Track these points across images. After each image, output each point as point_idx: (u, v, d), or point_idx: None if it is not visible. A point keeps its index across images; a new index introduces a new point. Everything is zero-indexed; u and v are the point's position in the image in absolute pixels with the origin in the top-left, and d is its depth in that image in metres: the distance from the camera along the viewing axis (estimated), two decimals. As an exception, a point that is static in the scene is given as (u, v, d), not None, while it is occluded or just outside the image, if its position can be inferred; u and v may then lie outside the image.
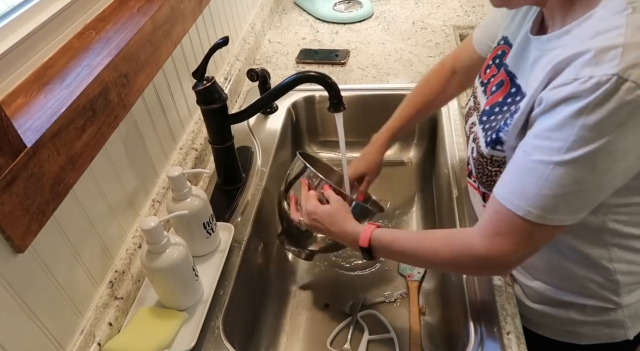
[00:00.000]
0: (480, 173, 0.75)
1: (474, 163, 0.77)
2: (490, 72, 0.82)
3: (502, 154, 0.70)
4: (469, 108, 0.85)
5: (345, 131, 1.40)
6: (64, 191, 0.68)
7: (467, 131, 0.84)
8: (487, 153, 0.71)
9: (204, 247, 0.91)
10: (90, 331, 0.75)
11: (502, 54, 0.80)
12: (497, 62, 0.80)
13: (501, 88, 0.73)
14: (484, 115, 0.75)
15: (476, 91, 0.84)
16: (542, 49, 0.66)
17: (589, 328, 0.79)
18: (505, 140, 0.68)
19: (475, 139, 0.77)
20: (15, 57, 0.73)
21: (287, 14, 1.77)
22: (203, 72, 0.93)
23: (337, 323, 1.00)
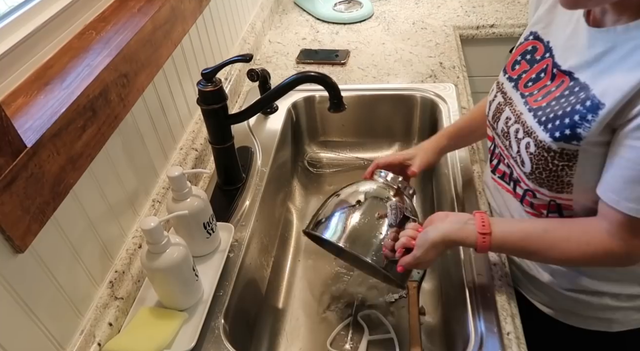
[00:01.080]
0: (539, 168, 0.72)
1: (532, 160, 0.73)
2: (520, 68, 0.79)
3: (575, 148, 0.67)
4: (498, 104, 0.82)
5: (345, 131, 1.41)
6: (64, 191, 0.68)
7: (501, 127, 0.81)
8: (557, 147, 0.68)
9: (204, 247, 0.91)
10: (90, 332, 0.75)
11: (533, 49, 0.78)
12: (528, 58, 0.79)
13: (561, 86, 0.71)
14: (539, 110, 0.72)
15: (503, 87, 0.82)
16: (615, 40, 0.63)
17: (622, 314, 0.80)
18: (585, 136, 0.65)
19: (529, 134, 0.73)
20: (16, 58, 0.73)
21: (287, 14, 1.77)
22: (214, 74, 0.93)
23: (337, 323, 1.00)
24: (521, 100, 0.77)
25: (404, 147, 1.38)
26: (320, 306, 1.05)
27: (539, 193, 0.76)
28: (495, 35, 1.58)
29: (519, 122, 0.76)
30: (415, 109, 1.32)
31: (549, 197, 0.75)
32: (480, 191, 1.00)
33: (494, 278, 0.84)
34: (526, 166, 0.75)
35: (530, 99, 0.76)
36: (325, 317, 1.03)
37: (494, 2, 1.71)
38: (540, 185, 0.74)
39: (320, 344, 0.98)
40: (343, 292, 1.07)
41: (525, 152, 0.74)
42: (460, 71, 1.37)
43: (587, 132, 0.65)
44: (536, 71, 0.76)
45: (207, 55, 1.21)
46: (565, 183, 0.71)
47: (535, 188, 0.76)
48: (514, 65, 0.82)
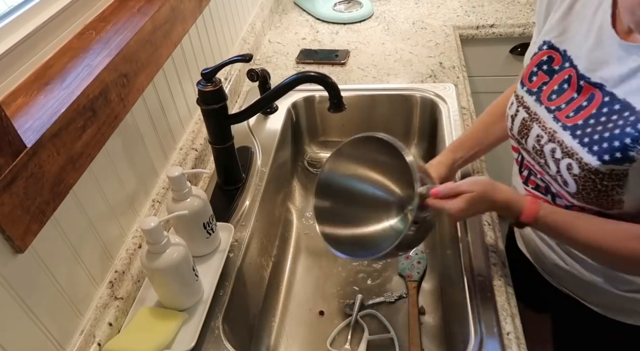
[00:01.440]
0: (587, 189, 0.70)
1: (577, 182, 0.70)
2: (538, 80, 0.77)
3: (625, 168, 0.65)
4: (523, 120, 0.79)
5: (345, 131, 1.41)
6: (64, 191, 0.68)
7: (532, 145, 0.78)
8: (606, 170, 0.66)
9: (204, 247, 0.91)
10: (90, 332, 0.75)
11: (550, 59, 0.76)
12: (545, 68, 0.76)
13: (592, 101, 0.69)
14: (577, 129, 0.70)
15: (524, 101, 0.79)
16: None
17: None
18: (638, 158, 0.63)
19: (570, 155, 0.70)
20: (16, 57, 0.73)
21: (287, 14, 1.77)
22: (214, 74, 0.93)
23: (337, 323, 1.00)
24: (549, 116, 0.74)
25: (404, 147, 1.38)
26: (320, 306, 1.05)
27: (587, 209, 0.74)
28: (495, 35, 1.58)
29: (554, 141, 0.73)
30: (415, 109, 1.32)
31: (596, 211, 0.73)
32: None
33: (493, 278, 0.84)
34: (570, 186, 0.72)
35: (559, 114, 0.73)
36: (325, 317, 1.03)
37: (494, 2, 1.71)
38: (587, 203, 0.72)
39: (320, 344, 0.98)
40: (343, 292, 1.07)
41: (568, 173, 0.71)
42: (460, 71, 1.37)
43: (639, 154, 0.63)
44: (558, 82, 0.74)
45: (207, 55, 1.21)
46: (615, 201, 0.69)
47: (581, 205, 0.73)
48: (531, 76, 0.79)
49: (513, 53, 1.62)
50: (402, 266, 1.09)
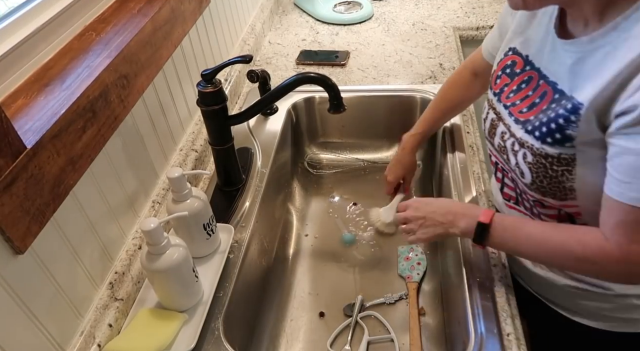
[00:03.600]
0: (540, 176, 0.73)
1: (531, 169, 0.74)
2: (501, 82, 0.82)
3: (572, 151, 0.68)
4: (492, 121, 0.84)
5: (345, 132, 1.41)
6: (64, 192, 0.68)
7: (498, 143, 0.82)
8: (555, 152, 0.69)
9: (204, 248, 0.91)
10: (90, 333, 0.74)
11: (513, 64, 0.80)
12: (508, 72, 0.81)
13: (544, 98, 0.72)
14: (528, 123, 0.73)
15: (493, 103, 0.84)
16: (584, 50, 0.66)
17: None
18: (575, 136, 0.66)
19: (522, 144, 0.74)
20: (16, 59, 0.73)
21: (287, 15, 1.77)
22: (214, 75, 0.93)
23: (337, 324, 1.00)
24: (506, 112, 0.79)
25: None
26: (320, 307, 1.05)
27: (546, 202, 0.76)
28: (495, 36, 1.58)
29: (512, 135, 0.77)
30: (415, 110, 1.32)
31: (556, 207, 0.75)
32: (480, 192, 1.00)
33: (494, 279, 0.84)
34: (526, 176, 0.75)
35: (514, 109, 0.77)
36: (325, 318, 1.03)
37: (494, 3, 1.71)
38: (544, 194, 0.74)
39: (320, 345, 0.98)
40: (343, 293, 1.07)
41: (524, 162, 0.75)
42: (460, 72, 1.37)
43: (576, 132, 0.66)
44: (517, 83, 0.78)
45: (207, 56, 1.21)
46: (567, 189, 0.71)
47: (541, 198, 0.76)
48: (496, 80, 0.84)
49: (513, 54, 1.62)
50: (402, 267, 1.09)
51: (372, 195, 1.27)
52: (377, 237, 1.18)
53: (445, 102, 1.08)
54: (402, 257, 1.11)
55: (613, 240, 0.65)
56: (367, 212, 1.17)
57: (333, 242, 1.19)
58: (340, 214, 1.25)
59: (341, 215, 1.24)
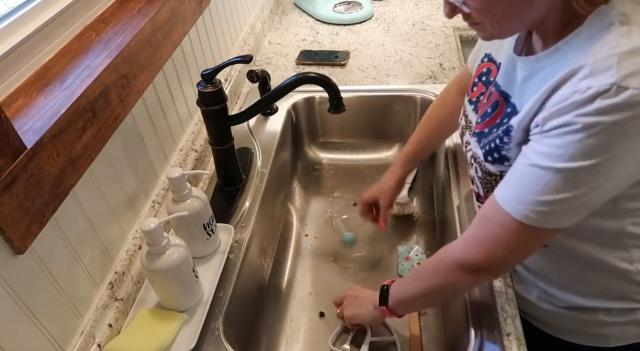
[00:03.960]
0: (489, 191, 0.74)
1: (481, 183, 0.76)
2: (477, 90, 0.82)
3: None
4: (462, 127, 0.85)
5: (345, 132, 1.41)
6: (64, 192, 0.68)
7: (464, 150, 0.84)
8: (496, 170, 0.72)
9: (204, 248, 0.91)
10: (90, 333, 0.74)
11: (488, 71, 0.80)
12: (484, 79, 0.81)
13: (497, 109, 0.73)
14: (482, 136, 0.75)
15: (466, 109, 0.84)
16: (531, 68, 0.66)
17: (618, 329, 0.78)
18: (510, 156, 0.68)
19: (475, 159, 0.76)
20: (16, 59, 0.73)
21: (287, 15, 1.77)
22: (214, 75, 0.93)
23: (337, 324, 1.00)
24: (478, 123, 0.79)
25: (404, 148, 1.38)
26: (320, 307, 1.04)
27: None
28: (495, 36, 1.58)
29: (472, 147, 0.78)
30: (415, 110, 1.32)
31: None
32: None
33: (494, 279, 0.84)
34: (480, 190, 0.78)
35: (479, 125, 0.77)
36: (325, 318, 1.03)
37: (494, 3, 1.71)
38: None
39: (320, 345, 0.98)
40: (342, 293, 1.07)
41: (476, 176, 0.77)
42: (460, 72, 1.37)
43: (510, 153, 0.68)
44: (496, 97, 0.77)
45: (207, 56, 1.21)
46: None
47: None
48: (473, 87, 0.84)
49: (513, 54, 1.62)
50: (402, 267, 1.09)
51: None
52: (377, 237, 1.18)
53: (431, 121, 1.05)
54: (402, 257, 1.11)
55: (460, 238, 0.69)
56: None
57: (333, 242, 1.19)
58: (341, 214, 1.25)
59: (341, 215, 1.24)
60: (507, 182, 0.64)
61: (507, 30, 0.66)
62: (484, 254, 0.67)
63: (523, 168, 0.62)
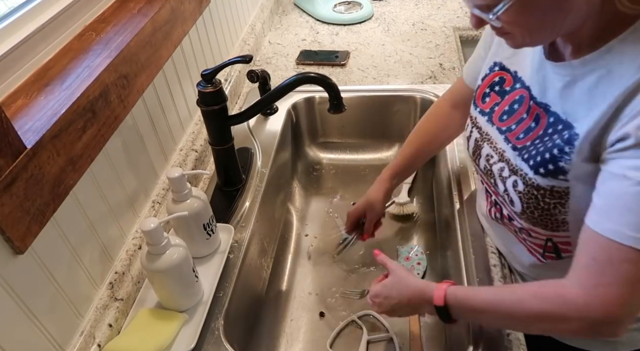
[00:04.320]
0: (531, 207, 0.69)
1: (521, 199, 0.70)
2: (491, 101, 0.78)
3: (565, 184, 0.65)
4: (475, 140, 0.81)
5: (345, 132, 1.41)
6: (64, 192, 0.68)
7: (483, 165, 0.79)
8: (547, 185, 0.66)
9: (204, 248, 0.91)
10: (90, 333, 0.74)
11: (501, 80, 0.77)
12: (497, 89, 0.77)
13: (540, 122, 0.69)
14: (524, 150, 0.70)
15: (477, 121, 0.80)
16: (574, 73, 0.63)
17: (627, 336, 0.76)
18: (569, 169, 0.63)
19: (515, 172, 0.71)
20: (16, 59, 0.73)
21: (287, 15, 1.77)
22: (214, 75, 0.93)
23: (337, 324, 1.00)
24: (500, 137, 0.75)
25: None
26: (320, 307, 1.05)
27: (534, 232, 0.73)
28: (495, 37, 1.58)
29: (503, 160, 0.74)
30: (415, 110, 1.32)
31: (544, 236, 0.73)
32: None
33: (493, 279, 0.84)
34: (516, 205, 0.72)
35: (510, 135, 0.73)
36: (325, 318, 1.03)
37: (494, 3, 1.71)
38: (533, 224, 0.72)
39: (320, 345, 0.98)
40: (342, 293, 1.07)
41: (514, 190, 0.72)
42: (460, 72, 1.37)
43: (570, 165, 0.63)
44: (509, 103, 0.75)
45: (207, 56, 1.21)
46: (560, 222, 0.69)
47: (529, 228, 0.73)
48: (484, 97, 0.80)
49: (513, 54, 1.62)
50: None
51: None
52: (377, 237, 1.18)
53: (422, 135, 1.01)
54: (402, 256, 1.11)
55: (575, 285, 0.59)
56: None
57: (333, 242, 1.19)
58: (341, 214, 1.25)
59: (341, 215, 1.24)
60: (616, 211, 0.56)
61: (538, 41, 0.64)
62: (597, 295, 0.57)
63: (630, 191, 0.55)
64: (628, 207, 0.55)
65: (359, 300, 1.04)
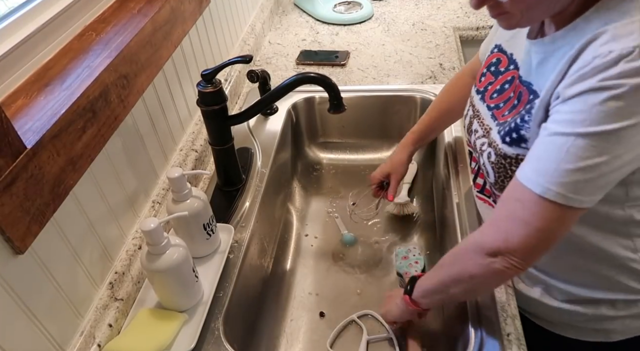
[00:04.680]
0: (502, 176, 0.74)
1: (493, 169, 0.75)
2: (486, 80, 0.82)
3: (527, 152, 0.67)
4: (469, 117, 0.85)
5: (345, 132, 1.41)
6: (64, 192, 0.68)
7: (472, 140, 0.83)
8: (512, 153, 0.70)
9: (204, 248, 0.91)
10: (90, 333, 0.74)
11: (497, 61, 0.80)
12: (493, 69, 0.81)
13: (521, 99, 0.71)
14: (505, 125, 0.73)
15: (473, 99, 0.84)
16: (546, 50, 0.66)
17: (620, 323, 0.78)
18: (529, 137, 0.67)
19: (490, 144, 0.75)
20: (16, 59, 0.73)
21: (287, 16, 1.77)
22: (214, 75, 0.93)
23: (337, 324, 1.00)
24: (488, 113, 0.78)
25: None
26: (320, 307, 1.05)
27: None
28: (495, 37, 1.58)
29: (487, 136, 0.77)
30: (415, 110, 1.32)
31: None
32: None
33: (494, 279, 0.84)
34: (490, 176, 0.76)
35: (497, 112, 0.76)
36: (325, 318, 1.03)
37: (494, 3, 1.71)
38: None
39: (320, 345, 0.98)
40: (342, 293, 1.07)
41: (488, 161, 0.76)
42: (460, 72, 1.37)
43: (529, 132, 0.66)
44: (500, 82, 0.78)
45: (207, 57, 1.21)
46: None
47: None
48: (481, 77, 0.83)
49: (513, 54, 1.62)
50: (400, 264, 1.09)
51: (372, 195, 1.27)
52: (377, 237, 1.18)
53: (442, 103, 1.07)
54: (400, 256, 1.11)
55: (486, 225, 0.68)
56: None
57: (333, 241, 1.19)
58: (340, 214, 1.25)
59: (341, 215, 1.24)
60: (528, 158, 0.63)
61: (533, 19, 0.65)
62: (502, 233, 0.63)
63: (543, 141, 0.60)
64: (538, 153, 0.61)
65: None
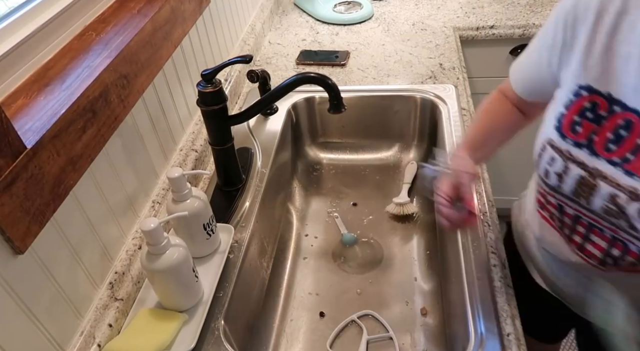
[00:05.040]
0: None
1: None
2: (585, 130, 0.67)
3: None
4: (582, 178, 0.69)
5: (345, 132, 1.41)
6: (64, 192, 0.68)
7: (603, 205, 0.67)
8: None
9: (204, 248, 0.91)
10: (90, 333, 0.74)
11: (593, 106, 0.66)
12: (591, 117, 0.67)
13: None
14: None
15: (574, 155, 0.69)
16: None
17: None
18: None
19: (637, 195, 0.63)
20: (16, 59, 0.73)
21: (287, 16, 1.77)
22: (214, 75, 0.93)
23: (337, 324, 1.00)
24: (617, 171, 0.65)
25: (404, 148, 1.38)
26: (321, 307, 1.05)
27: None
28: (495, 37, 1.58)
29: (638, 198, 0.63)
30: (415, 110, 1.32)
31: None
32: (480, 192, 1.00)
33: (493, 279, 0.84)
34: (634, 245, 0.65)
35: (631, 167, 0.64)
36: (325, 318, 1.03)
37: (494, 3, 1.71)
38: None
39: (320, 345, 0.98)
40: (342, 293, 1.07)
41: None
42: (460, 72, 1.37)
43: None
44: (610, 129, 0.65)
45: (207, 56, 1.21)
46: None
47: None
48: (574, 126, 0.69)
49: (513, 54, 1.62)
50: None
51: (372, 195, 1.27)
52: (377, 237, 1.18)
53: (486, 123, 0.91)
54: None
55: None
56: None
57: (333, 241, 1.19)
58: (341, 214, 1.25)
59: (341, 215, 1.24)
60: None
61: None
62: None
63: None
64: None
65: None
